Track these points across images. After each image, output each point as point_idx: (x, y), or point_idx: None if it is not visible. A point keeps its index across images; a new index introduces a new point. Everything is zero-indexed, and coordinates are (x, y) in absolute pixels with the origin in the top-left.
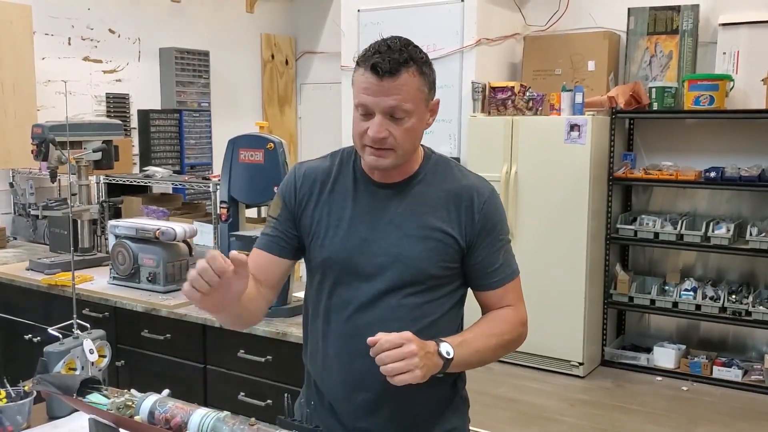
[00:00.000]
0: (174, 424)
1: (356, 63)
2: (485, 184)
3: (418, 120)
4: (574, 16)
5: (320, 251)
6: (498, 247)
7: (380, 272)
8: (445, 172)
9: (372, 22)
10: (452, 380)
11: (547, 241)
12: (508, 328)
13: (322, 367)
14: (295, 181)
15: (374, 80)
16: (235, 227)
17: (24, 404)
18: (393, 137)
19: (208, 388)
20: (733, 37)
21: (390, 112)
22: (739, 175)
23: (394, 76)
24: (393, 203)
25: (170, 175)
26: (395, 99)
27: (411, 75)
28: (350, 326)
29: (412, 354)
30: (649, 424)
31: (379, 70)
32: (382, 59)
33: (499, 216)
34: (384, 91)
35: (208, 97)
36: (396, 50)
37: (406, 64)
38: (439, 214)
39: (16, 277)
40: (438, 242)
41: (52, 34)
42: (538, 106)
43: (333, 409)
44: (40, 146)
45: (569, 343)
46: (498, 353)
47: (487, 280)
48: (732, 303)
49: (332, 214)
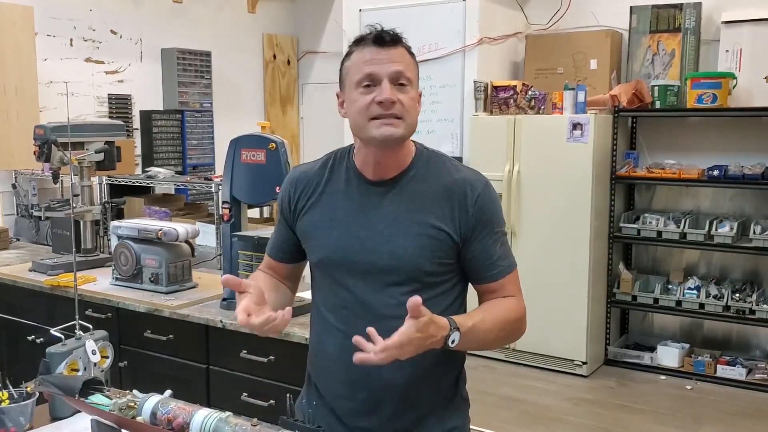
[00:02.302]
0: (176, 424)
1: (349, 50)
2: (478, 177)
3: (416, 94)
4: (576, 15)
5: (316, 252)
6: (494, 239)
7: (375, 270)
8: (438, 166)
9: (374, 22)
10: (453, 379)
11: (549, 240)
12: (511, 317)
13: (323, 366)
14: (289, 187)
15: (378, 50)
16: (237, 227)
17: (26, 405)
18: (401, 103)
19: (210, 389)
20: (735, 35)
21: (396, 77)
22: (743, 174)
23: (396, 46)
24: (386, 200)
25: (172, 175)
26: (401, 65)
27: (406, 50)
28: (350, 324)
29: (404, 352)
30: (653, 423)
31: (384, 37)
32: (383, 32)
33: (494, 209)
34: (389, 58)
35: (210, 98)
36: (390, 29)
37: (402, 41)
38: (432, 210)
39: (19, 278)
40: (431, 238)
41: (54, 36)
42: (540, 105)
43: (333, 408)
44: (42, 147)
45: (572, 342)
46: (497, 344)
47: (485, 273)
48: (736, 301)
49: (325, 214)
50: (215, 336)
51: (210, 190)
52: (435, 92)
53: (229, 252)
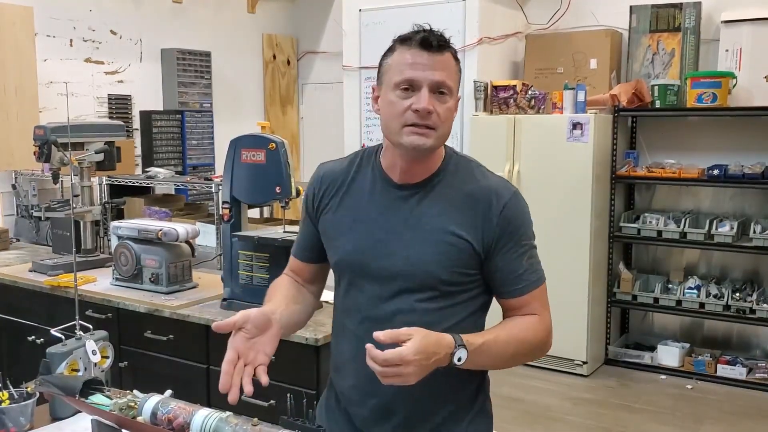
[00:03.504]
0: (176, 424)
1: (393, 44)
2: (506, 185)
3: (453, 104)
4: (575, 15)
5: (335, 253)
6: (521, 252)
7: (392, 275)
8: (466, 172)
9: (373, 22)
10: (471, 391)
11: (550, 239)
12: (529, 337)
13: (338, 369)
14: (314, 184)
15: (424, 54)
16: (237, 227)
17: (27, 405)
18: (437, 114)
19: (211, 389)
20: (735, 34)
21: (437, 86)
22: (743, 173)
23: (441, 52)
24: (409, 204)
25: (172, 175)
26: (443, 74)
27: (452, 56)
28: (363, 329)
29: (407, 374)
30: (653, 422)
31: (432, 41)
32: (431, 35)
33: (521, 220)
34: (433, 65)
35: (210, 98)
36: (439, 32)
37: (449, 45)
38: (455, 217)
39: (19, 278)
40: (451, 246)
41: (53, 36)
42: (540, 104)
43: (348, 413)
44: (42, 148)
45: (573, 342)
46: (513, 362)
47: (509, 287)
48: (736, 301)
49: (348, 215)
50: (215, 336)
51: (210, 191)
52: None
53: (229, 252)
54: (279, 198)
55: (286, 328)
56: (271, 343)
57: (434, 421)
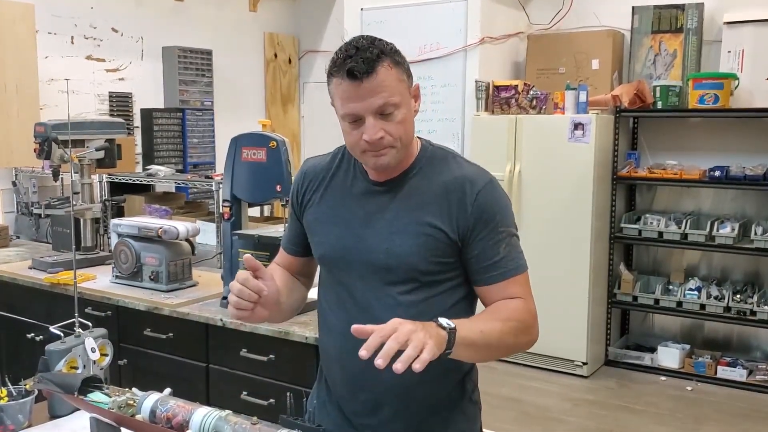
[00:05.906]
0: (175, 423)
1: (328, 74)
2: (482, 173)
3: (406, 110)
4: (577, 15)
5: (318, 247)
6: (497, 240)
7: (374, 269)
8: (441, 163)
9: (375, 21)
10: (458, 382)
11: (550, 240)
12: (513, 315)
13: (326, 364)
14: (299, 179)
15: (354, 85)
16: (237, 226)
17: (25, 403)
18: (388, 134)
19: (210, 387)
20: (737, 36)
21: (380, 111)
22: (744, 174)
23: (372, 75)
24: (386, 199)
25: (173, 173)
26: (381, 97)
27: (387, 68)
28: (348, 324)
29: (410, 332)
30: (653, 424)
31: (356, 73)
32: (356, 62)
33: (498, 207)
34: (367, 92)
35: (211, 96)
36: (365, 49)
37: (380, 59)
38: (431, 208)
39: (19, 275)
40: (428, 237)
41: (55, 33)
42: (541, 104)
43: (340, 406)
44: (42, 145)
45: (573, 342)
46: (506, 339)
47: (484, 274)
48: (736, 302)
49: (329, 209)
50: (215, 334)
51: (210, 189)
52: (436, 92)
53: (229, 250)
54: (279, 196)
55: (280, 314)
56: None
57: (423, 412)
